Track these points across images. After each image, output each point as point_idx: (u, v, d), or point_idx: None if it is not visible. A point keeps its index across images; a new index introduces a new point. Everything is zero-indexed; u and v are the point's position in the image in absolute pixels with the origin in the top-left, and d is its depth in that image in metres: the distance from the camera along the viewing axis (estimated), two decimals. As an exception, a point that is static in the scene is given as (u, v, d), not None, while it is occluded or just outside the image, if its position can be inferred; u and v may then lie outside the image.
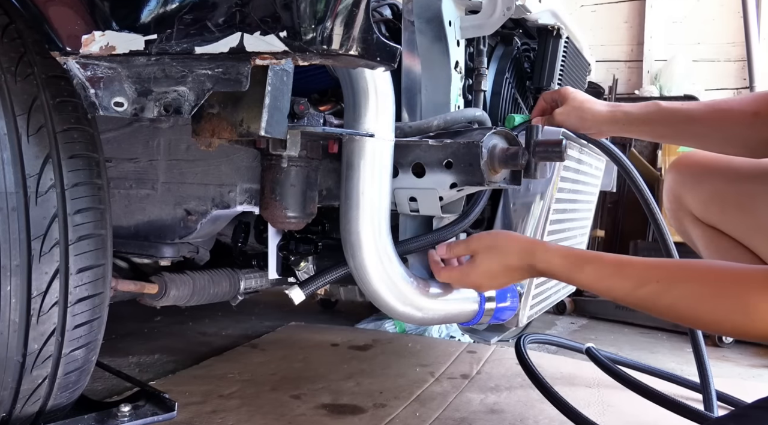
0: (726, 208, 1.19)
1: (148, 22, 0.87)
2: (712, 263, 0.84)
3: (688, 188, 1.21)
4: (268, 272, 1.59)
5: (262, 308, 2.88)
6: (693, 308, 0.78)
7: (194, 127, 1.02)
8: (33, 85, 1.01)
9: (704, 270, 0.81)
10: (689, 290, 0.79)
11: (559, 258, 1.02)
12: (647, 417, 1.61)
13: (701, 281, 0.79)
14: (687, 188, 1.23)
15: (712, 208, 1.22)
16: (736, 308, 0.71)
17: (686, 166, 1.21)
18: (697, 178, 1.23)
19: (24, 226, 0.99)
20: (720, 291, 0.75)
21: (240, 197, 1.42)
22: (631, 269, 0.89)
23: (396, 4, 1.44)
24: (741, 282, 0.74)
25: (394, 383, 1.86)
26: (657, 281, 0.83)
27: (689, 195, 1.25)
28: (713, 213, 1.23)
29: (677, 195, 1.31)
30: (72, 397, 1.15)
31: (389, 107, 1.23)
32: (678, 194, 1.30)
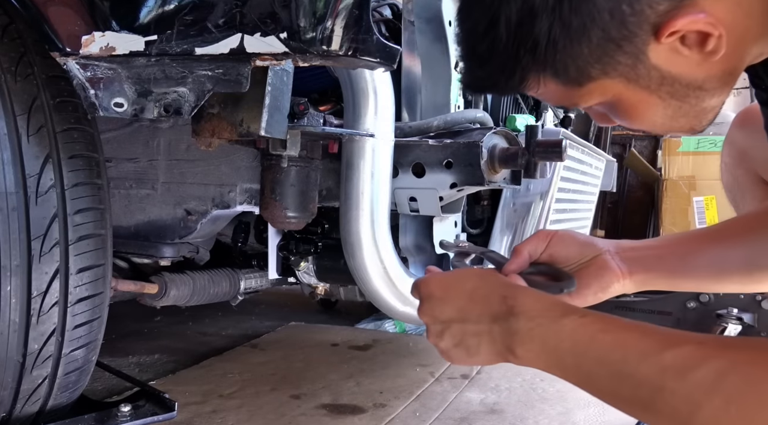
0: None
1: (148, 22, 0.87)
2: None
3: (759, 144, 0.94)
4: (268, 272, 1.59)
5: (262, 308, 2.87)
6: (758, 381, 0.53)
7: (194, 127, 1.02)
8: (33, 85, 1.01)
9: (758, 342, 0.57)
10: (751, 356, 0.55)
11: (542, 303, 0.72)
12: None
13: (761, 348, 0.56)
14: (757, 145, 0.96)
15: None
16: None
17: (758, 121, 0.91)
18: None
19: (24, 226, 0.99)
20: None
21: (240, 197, 1.42)
22: (657, 328, 0.63)
23: (396, 4, 1.44)
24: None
25: (394, 383, 1.86)
26: (700, 343, 0.59)
27: (758, 152, 0.99)
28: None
29: (742, 150, 1.05)
30: (72, 397, 1.15)
31: (389, 107, 1.23)
32: (743, 148, 1.05)
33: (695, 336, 0.60)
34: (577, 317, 0.66)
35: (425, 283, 0.80)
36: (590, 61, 0.64)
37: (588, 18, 0.60)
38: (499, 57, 0.65)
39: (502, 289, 0.74)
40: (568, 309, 0.69)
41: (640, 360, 0.59)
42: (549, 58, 0.63)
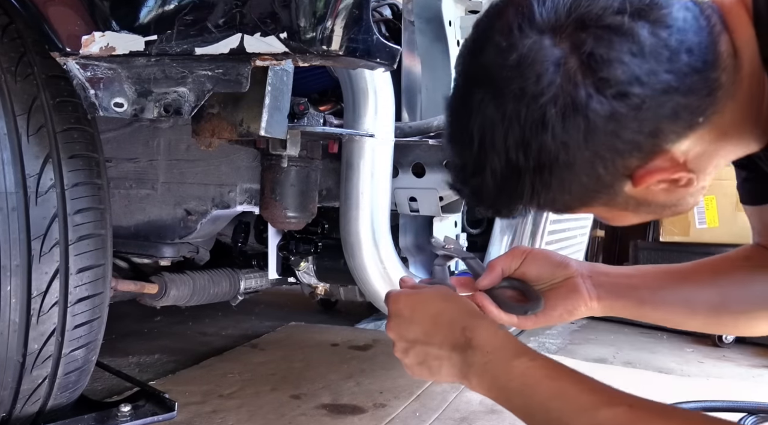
0: None
1: (148, 22, 0.87)
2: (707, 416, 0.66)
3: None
4: (268, 272, 1.59)
5: (262, 308, 2.87)
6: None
7: (194, 127, 1.02)
8: (33, 85, 1.01)
9: (690, 414, 0.65)
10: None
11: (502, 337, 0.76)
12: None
13: (687, 418, 0.64)
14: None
15: None
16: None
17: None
18: None
19: (24, 226, 0.99)
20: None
21: (240, 197, 1.42)
22: (599, 384, 0.69)
23: (396, 4, 1.44)
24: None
25: (394, 383, 1.86)
26: (631, 406, 0.64)
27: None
28: None
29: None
30: (72, 397, 1.15)
31: (389, 107, 1.23)
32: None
33: (631, 398, 0.66)
34: (527, 360, 0.71)
35: (395, 300, 0.83)
36: (571, 202, 0.69)
37: (567, 179, 0.64)
38: (487, 196, 0.69)
39: (464, 319, 0.78)
40: (521, 351, 0.73)
41: (577, 413, 0.65)
42: (533, 202, 0.68)
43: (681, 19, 0.61)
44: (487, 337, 0.75)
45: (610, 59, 0.59)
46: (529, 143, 0.62)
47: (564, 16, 0.61)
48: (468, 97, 0.66)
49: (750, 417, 1.58)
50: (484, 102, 0.64)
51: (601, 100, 0.60)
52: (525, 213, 0.71)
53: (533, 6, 0.62)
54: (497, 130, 0.63)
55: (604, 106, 0.60)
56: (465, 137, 0.66)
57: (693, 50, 0.61)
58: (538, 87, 0.60)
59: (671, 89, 0.60)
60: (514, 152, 0.63)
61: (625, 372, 2.09)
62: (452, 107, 0.69)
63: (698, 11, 0.64)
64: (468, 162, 0.67)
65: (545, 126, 0.61)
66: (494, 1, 0.68)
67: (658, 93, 0.60)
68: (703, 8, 0.65)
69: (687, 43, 0.61)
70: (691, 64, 0.61)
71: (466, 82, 0.67)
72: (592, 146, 0.62)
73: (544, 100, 0.60)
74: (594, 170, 0.64)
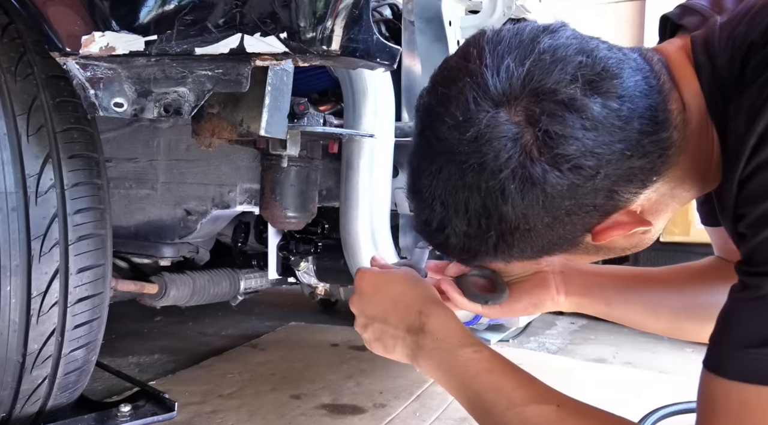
0: None
1: (148, 22, 0.87)
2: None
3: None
4: (268, 272, 1.59)
5: (262, 308, 2.87)
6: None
7: (194, 127, 1.02)
8: (33, 85, 1.01)
9: (614, 418, 0.68)
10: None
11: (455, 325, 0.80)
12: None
13: (606, 422, 0.67)
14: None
15: None
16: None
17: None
18: None
19: (24, 226, 0.99)
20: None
21: (240, 197, 1.43)
22: (533, 381, 0.73)
23: (396, 4, 1.44)
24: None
25: (394, 383, 1.86)
26: (558, 406, 0.68)
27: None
28: None
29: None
30: (72, 397, 1.15)
31: (389, 107, 1.23)
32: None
33: (561, 397, 0.69)
34: (471, 351, 0.75)
35: (361, 277, 0.89)
36: (535, 255, 0.71)
37: (528, 241, 0.67)
38: (453, 251, 0.71)
39: (421, 304, 0.82)
40: (467, 341, 0.77)
41: (507, 407, 0.69)
42: (497, 259, 0.71)
43: (632, 86, 0.63)
44: (439, 324, 0.79)
45: (564, 135, 0.61)
46: (490, 212, 0.65)
47: (518, 89, 0.62)
48: (428, 161, 0.68)
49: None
50: (444, 171, 0.66)
51: (557, 175, 0.62)
52: (492, 262, 0.75)
53: (486, 77, 0.63)
54: (459, 197, 0.66)
55: (561, 180, 0.62)
56: (428, 197, 0.68)
57: (644, 115, 0.63)
58: (496, 163, 0.62)
59: (624, 157, 0.63)
60: (476, 218, 0.66)
61: (625, 372, 2.09)
62: (413, 165, 0.71)
63: (648, 70, 0.66)
64: (432, 219, 0.70)
65: (505, 199, 0.64)
66: (448, 58, 0.69)
67: (612, 162, 0.63)
68: (652, 64, 0.67)
69: (638, 110, 0.63)
70: (643, 129, 0.63)
71: (425, 146, 0.68)
72: (551, 212, 0.65)
73: (503, 175, 0.63)
74: (554, 230, 0.67)
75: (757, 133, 0.57)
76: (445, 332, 0.79)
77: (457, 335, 0.78)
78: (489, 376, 0.73)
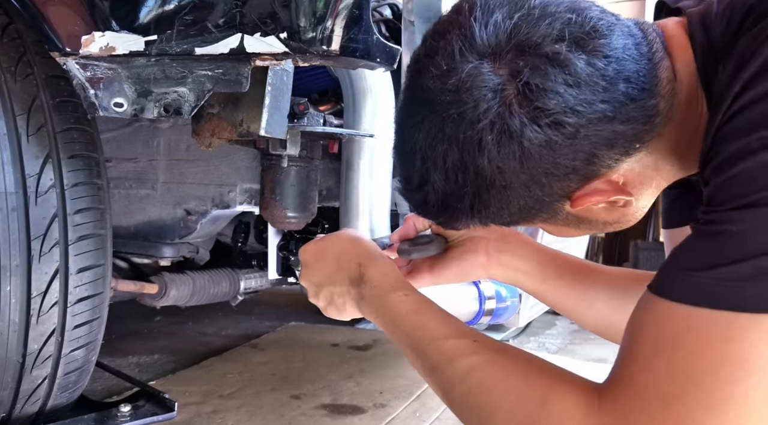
0: None
1: (147, 22, 0.87)
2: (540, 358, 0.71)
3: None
4: (268, 272, 1.59)
5: (262, 308, 2.87)
6: (494, 381, 0.66)
7: (194, 127, 1.02)
8: (33, 85, 1.01)
9: (526, 355, 0.70)
10: (503, 361, 0.68)
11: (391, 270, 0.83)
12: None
13: (521, 359, 0.68)
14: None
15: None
16: (536, 396, 0.62)
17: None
18: None
19: (24, 226, 0.99)
20: (529, 375, 0.65)
21: (240, 197, 1.42)
22: (455, 320, 0.75)
23: (396, 4, 1.44)
24: (553, 375, 0.64)
25: (394, 383, 1.86)
26: (475, 341, 0.70)
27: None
28: None
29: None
30: (72, 397, 1.15)
31: (389, 107, 1.23)
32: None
33: (478, 334, 0.72)
34: (401, 295, 0.78)
35: (302, 250, 0.91)
36: (511, 219, 0.71)
37: (505, 199, 0.66)
38: (431, 210, 0.71)
39: (360, 256, 0.85)
40: (399, 286, 0.80)
41: (429, 342, 0.72)
42: (474, 219, 0.70)
43: (620, 48, 0.62)
44: (377, 272, 0.82)
45: (545, 89, 0.60)
46: (467, 165, 0.64)
47: (504, 41, 0.62)
48: (411, 114, 0.68)
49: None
50: (425, 122, 0.65)
51: (535, 129, 0.61)
52: (469, 226, 0.74)
53: (474, 29, 0.63)
54: (438, 149, 0.65)
55: (539, 134, 0.61)
56: (409, 151, 0.68)
57: (630, 79, 0.62)
58: (475, 113, 0.62)
59: (606, 118, 0.62)
60: (453, 172, 0.65)
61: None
62: (398, 120, 0.71)
63: (641, 36, 0.65)
64: (412, 175, 0.70)
65: (482, 151, 0.63)
66: (443, 14, 0.69)
67: (593, 122, 0.61)
68: (646, 33, 0.66)
69: (625, 73, 0.62)
70: (629, 93, 0.62)
71: (410, 98, 0.69)
72: (528, 170, 0.63)
73: (481, 126, 0.62)
74: (531, 192, 0.66)
75: (743, 80, 0.55)
76: (381, 278, 0.81)
77: (392, 280, 0.81)
78: (416, 316, 0.76)
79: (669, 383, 0.55)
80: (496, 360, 0.68)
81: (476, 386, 0.66)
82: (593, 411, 0.59)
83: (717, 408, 0.53)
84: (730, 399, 0.52)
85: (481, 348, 0.70)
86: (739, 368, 0.53)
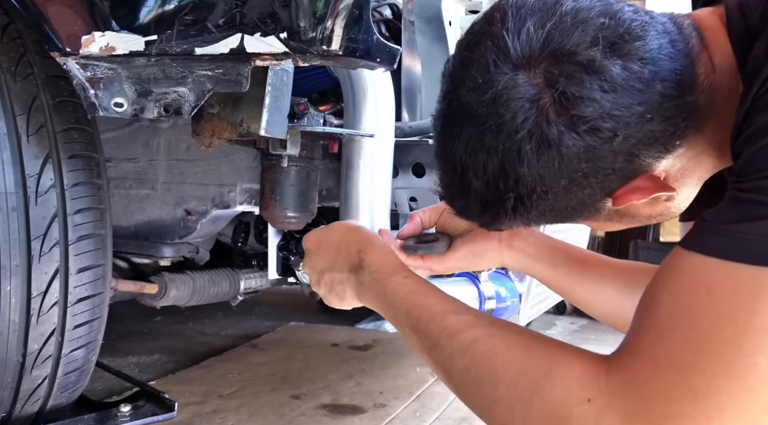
0: None
1: (148, 22, 0.87)
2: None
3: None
4: (268, 273, 1.59)
5: (262, 308, 2.87)
6: (495, 352, 0.64)
7: (194, 127, 1.02)
8: (33, 85, 1.01)
9: (529, 330, 0.69)
10: (505, 334, 0.67)
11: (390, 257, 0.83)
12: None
13: (524, 333, 0.67)
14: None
15: None
16: (540, 365, 0.60)
17: None
18: None
19: (24, 226, 0.99)
20: (533, 346, 0.64)
21: (240, 197, 1.42)
22: (454, 299, 0.75)
23: (396, 4, 1.44)
24: (557, 346, 0.63)
25: (394, 383, 1.86)
26: (475, 316, 0.70)
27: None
28: None
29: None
30: (72, 397, 1.15)
31: (389, 107, 1.23)
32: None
33: (477, 311, 0.73)
34: (401, 278, 0.79)
35: (305, 239, 0.93)
36: (554, 220, 0.71)
37: (547, 204, 0.67)
38: (474, 214, 0.72)
39: (359, 243, 0.85)
40: (398, 269, 0.81)
41: (429, 320, 0.72)
42: (516, 222, 0.70)
43: (656, 48, 0.62)
44: (375, 257, 0.83)
45: (581, 97, 0.60)
46: (507, 174, 0.65)
47: (538, 51, 0.62)
48: (449, 124, 0.68)
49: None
50: (464, 133, 0.66)
51: (573, 137, 0.61)
52: (512, 227, 0.74)
53: (507, 40, 0.63)
54: (478, 159, 0.66)
55: (577, 141, 0.62)
56: (449, 159, 0.69)
57: (667, 79, 0.62)
58: (513, 124, 0.62)
59: (645, 120, 0.62)
60: (494, 180, 0.66)
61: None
62: (437, 128, 0.72)
63: (676, 33, 0.64)
64: (454, 182, 0.70)
65: (521, 160, 0.63)
66: (474, 23, 0.69)
67: (631, 125, 0.61)
68: (681, 28, 0.65)
69: (661, 73, 0.62)
70: (666, 92, 0.62)
71: (447, 109, 0.69)
72: (568, 175, 0.64)
73: (519, 136, 0.62)
74: (573, 194, 0.66)
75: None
76: (380, 263, 0.82)
77: (391, 265, 0.82)
78: (415, 296, 0.76)
79: (685, 352, 0.54)
80: (499, 333, 0.67)
81: (478, 358, 0.65)
82: (601, 378, 0.57)
83: (737, 376, 0.52)
84: (752, 368, 0.52)
85: (482, 322, 0.69)
86: (761, 337, 0.52)
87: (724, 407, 0.52)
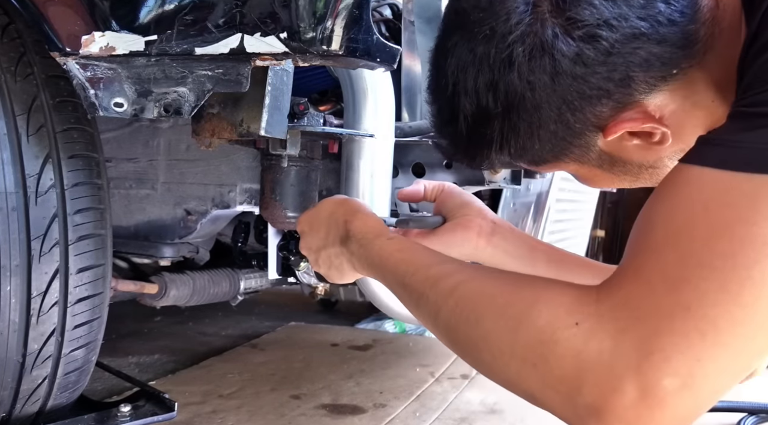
0: None
1: (148, 22, 0.87)
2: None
3: None
4: (268, 273, 1.59)
5: (262, 308, 2.87)
6: (480, 290, 0.62)
7: (194, 127, 1.02)
8: (33, 85, 1.01)
9: (511, 272, 0.68)
10: (490, 274, 0.66)
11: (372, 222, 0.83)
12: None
13: (509, 273, 0.66)
14: None
15: None
16: (526, 296, 0.57)
17: None
18: None
19: (24, 226, 0.99)
20: (519, 281, 0.61)
21: (240, 197, 1.42)
22: (439, 253, 0.75)
23: (396, 4, 1.44)
24: (544, 279, 0.61)
25: (394, 383, 1.86)
26: (459, 264, 0.69)
27: None
28: None
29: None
30: (72, 397, 1.15)
31: (389, 107, 1.23)
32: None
33: (461, 262, 0.71)
34: (385, 239, 0.80)
35: (299, 222, 0.93)
36: (542, 152, 0.69)
37: (535, 123, 0.64)
38: (461, 142, 0.71)
39: (345, 214, 0.86)
40: (381, 232, 0.81)
41: (414, 273, 0.71)
42: (504, 150, 0.68)
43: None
44: (360, 224, 0.83)
45: (579, 0, 0.59)
46: (497, 83, 0.63)
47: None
48: (445, 42, 0.67)
49: (750, 417, 1.57)
50: (458, 46, 0.65)
51: (567, 41, 0.59)
52: (499, 164, 0.73)
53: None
54: (469, 72, 0.64)
55: (571, 47, 0.60)
56: (441, 82, 0.68)
57: (670, 1, 0.60)
58: (507, 25, 0.61)
59: (642, 36, 0.60)
60: (484, 94, 0.64)
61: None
62: (431, 58, 0.71)
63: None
64: (443, 107, 0.69)
65: (512, 65, 0.61)
66: None
67: (628, 39, 0.59)
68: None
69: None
70: (667, 13, 0.60)
71: (446, 28, 0.69)
72: (560, 88, 0.62)
73: (512, 38, 0.61)
74: (563, 115, 0.63)
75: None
76: (364, 230, 0.83)
77: (373, 230, 0.82)
78: (400, 254, 0.76)
79: (679, 268, 0.51)
80: (483, 275, 0.66)
81: (463, 299, 0.63)
82: (590, 303, 0.54)
83: (731, 290, 0.49)
84: (746, 281, 0.49)
85: (465, 268, 0.68)
86: (759, 250, 0.49)
87: (718, 322, 0.49)
